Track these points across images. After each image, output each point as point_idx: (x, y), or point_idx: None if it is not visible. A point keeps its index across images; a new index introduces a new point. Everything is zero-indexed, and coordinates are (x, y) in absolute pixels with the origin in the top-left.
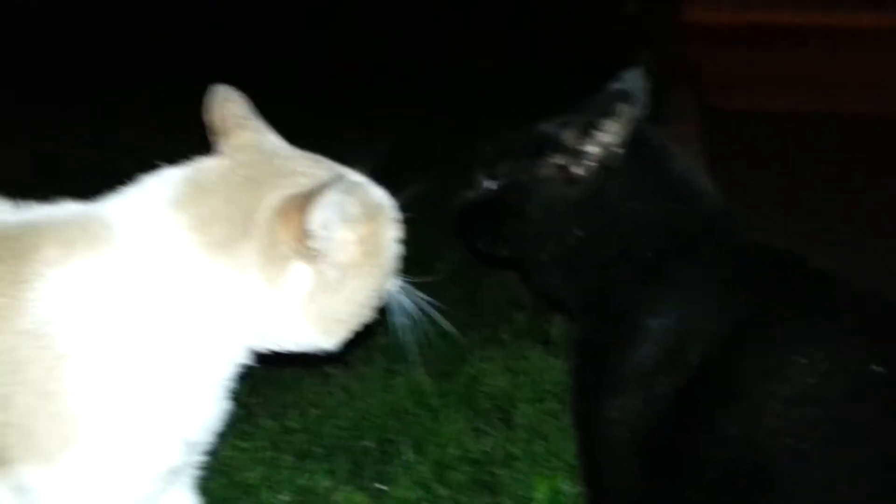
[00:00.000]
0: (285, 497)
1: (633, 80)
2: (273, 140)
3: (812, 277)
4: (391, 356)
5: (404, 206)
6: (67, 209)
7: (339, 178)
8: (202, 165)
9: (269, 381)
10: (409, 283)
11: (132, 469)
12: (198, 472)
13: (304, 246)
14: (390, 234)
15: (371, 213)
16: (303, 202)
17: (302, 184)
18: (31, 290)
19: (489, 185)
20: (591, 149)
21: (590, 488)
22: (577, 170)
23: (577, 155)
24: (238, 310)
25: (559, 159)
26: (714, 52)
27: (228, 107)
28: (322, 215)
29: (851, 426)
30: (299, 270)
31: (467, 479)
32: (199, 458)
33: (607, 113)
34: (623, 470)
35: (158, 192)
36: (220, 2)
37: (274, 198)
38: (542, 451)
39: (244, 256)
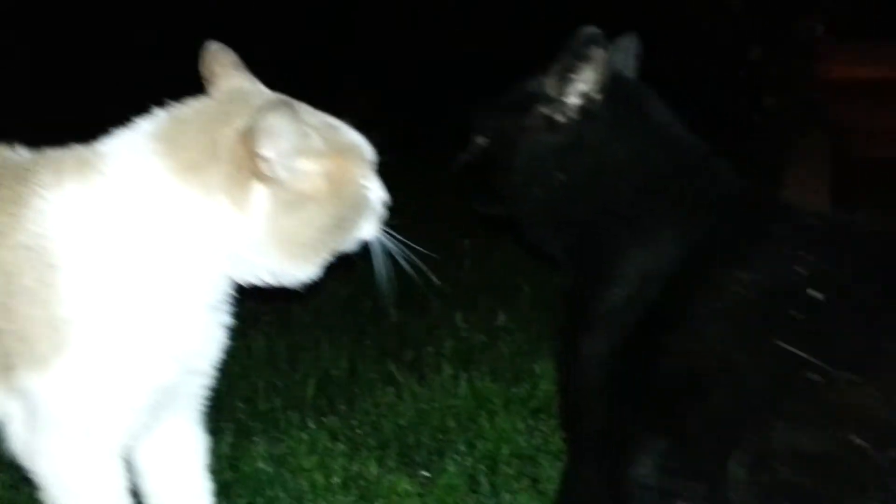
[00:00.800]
0: (336, 479)
1: (626, 44)
2: (257, 86)
3: (780, 212)
4: (459, 363)
5: None
6: (69, 148)
7: (280, 102)
8: (185, 104)
9: (339, 385)
10: (390, 231)
11: (121, 380)
12: (201, 407)
13: (258, 166)
14: (360, 172)
15: (340, 151)
16: (252, 124)
17: None
18: (28, 209)
19: (480, 143)
20: (570, 95)
21: (567, 429)
22: (559, 117)
23: (558, 102)
24: (209, 232)
25: (543, 109)
26: (850, 105)
27: (219, 58)
28: (269, 137)
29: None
30: (260, 192)
31: (515, 473)
32: (198, 388)
33: (581, 57)
34: (595, 406)
35: (143, 127)
36: None
37: (240, 124)
38: None
39: (211, 179)
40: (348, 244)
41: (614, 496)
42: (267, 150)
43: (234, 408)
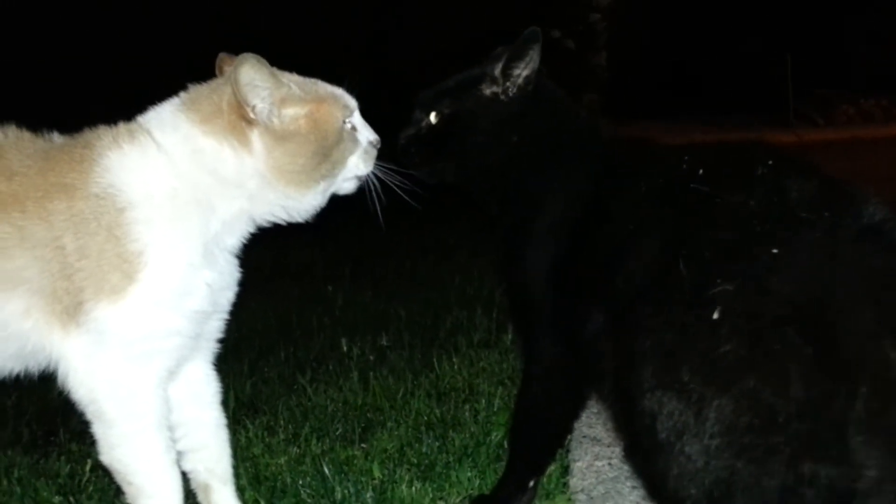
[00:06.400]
0: (280, 460)
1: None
2: None
3: (650, 147)
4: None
5: None
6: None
7: (249, 56)
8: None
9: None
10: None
11: (175, 304)
12: (215, 348)
13: (247, 113)
14: (340, 114)
15: (320, 97)
16: (233, 80)
17: None
18: (96, 165)
19: (428, 121)
20: (514, 78)
21: (518, 321)
22: (511, 92)
23: (506, 81)
24: (227, 169)
25: (493, 87)
26: None
27: (226, 60)
28: (249, 88)
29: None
30: (255, 134)
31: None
32: (215, 331)
33: (527, 50)
34: (543, 296)
35: (171, 100)
36: None
37: None
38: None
39: (221, 127)
40: (343, 176)
41: (572, 355)
42: (251, 99)
43: None
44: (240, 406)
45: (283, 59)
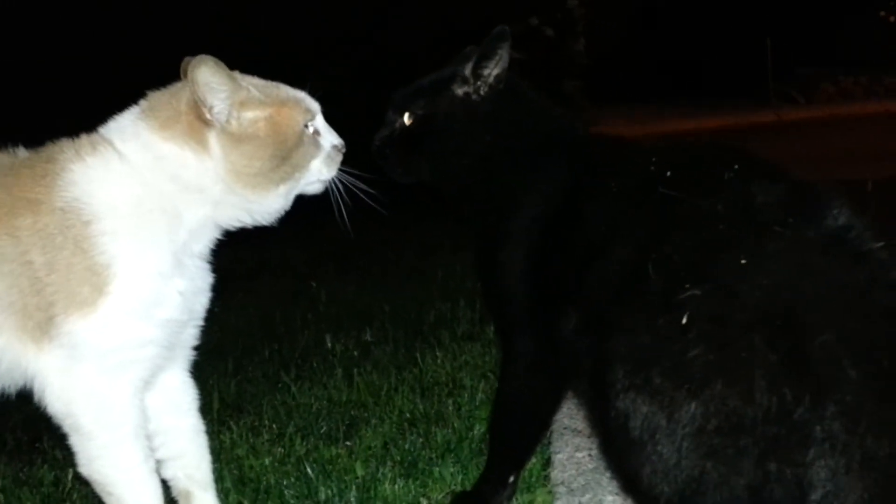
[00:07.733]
0: (264, 461)
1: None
2: None
3: (622, 145)
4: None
5: None
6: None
7: (204, 57)
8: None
9: (241, 396)
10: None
11: (147, 314)
12: (191, 355)
13: (204, 114)
14: (302, 118)
15: (280, 101)
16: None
17: None
18: (60, 179)
19: (402, 122)
20: (488, 75)
21: (497, 319)
22: (482, 91)
23: (477, 81)
24: (189, 175)
25: (464, 87)
26: None
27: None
28: (206, 89)
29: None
30: (213, 136)
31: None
32: (190, 338)
33: (495, 50)
34: (518, 295)
35: (132, 108)
36: None
37: None
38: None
39: (180, 131)
40: (306, 180)
41: (550, 353)
42: (209, 99)
43: None
44: (224, 407)
45: (282, 58)
